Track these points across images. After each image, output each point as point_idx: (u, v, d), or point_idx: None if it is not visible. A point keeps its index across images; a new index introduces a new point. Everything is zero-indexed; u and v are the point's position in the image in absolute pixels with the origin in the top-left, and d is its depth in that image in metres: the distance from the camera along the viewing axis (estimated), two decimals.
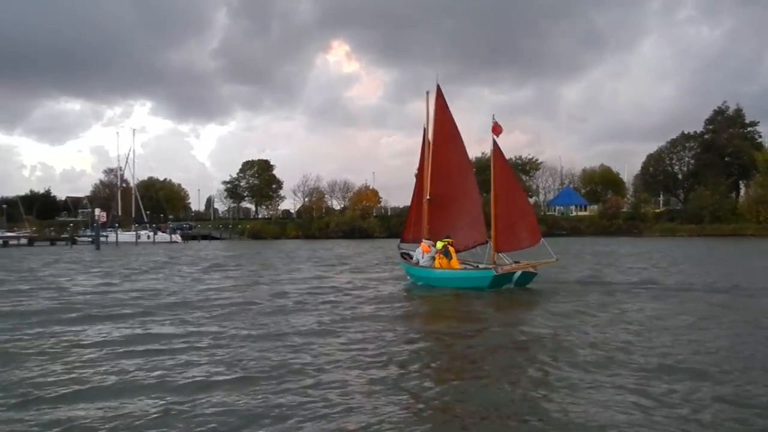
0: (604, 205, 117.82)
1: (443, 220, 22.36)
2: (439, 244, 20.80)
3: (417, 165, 24.22)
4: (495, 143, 20.52)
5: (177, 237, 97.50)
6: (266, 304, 16.41)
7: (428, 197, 22.73)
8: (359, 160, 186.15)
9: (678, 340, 11.01)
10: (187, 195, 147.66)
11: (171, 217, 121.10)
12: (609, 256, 40.24)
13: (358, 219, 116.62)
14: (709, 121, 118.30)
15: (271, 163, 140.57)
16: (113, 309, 15.61)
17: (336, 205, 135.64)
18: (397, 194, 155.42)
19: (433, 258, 20.91)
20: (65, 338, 11.70)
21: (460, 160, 22.69)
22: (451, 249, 20.47)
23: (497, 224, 20.18)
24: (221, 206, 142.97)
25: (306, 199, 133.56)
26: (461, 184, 22.37)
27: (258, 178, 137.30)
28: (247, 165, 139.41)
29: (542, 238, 19.99)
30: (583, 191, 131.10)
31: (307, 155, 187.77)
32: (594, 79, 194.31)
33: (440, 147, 22.67)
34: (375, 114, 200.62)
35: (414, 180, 24.59)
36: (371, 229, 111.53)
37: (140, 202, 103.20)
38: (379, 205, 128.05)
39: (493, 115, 20.35)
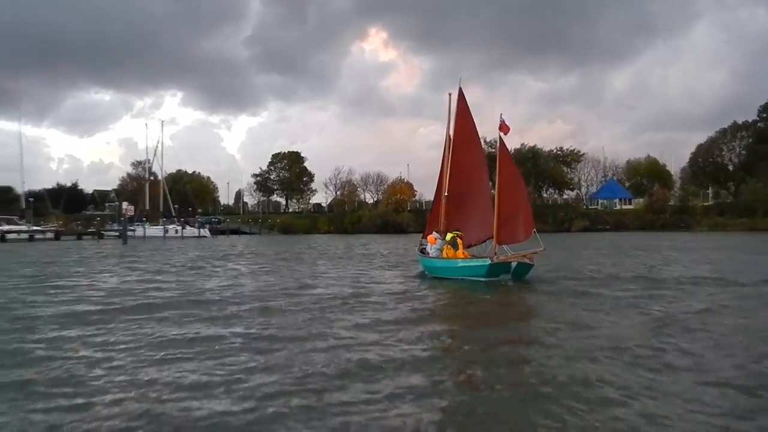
0: (650, 198, 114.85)
1: (459, 216, 24.11)
2: (449, 236, 22.66)
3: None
4: (501, 140, 22.17)
5: (205, 231, 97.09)
6: (314, 306, 15.59)
7: (446, 194, 24.54)
8: (394, 152, 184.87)
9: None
10: (216, 188, 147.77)
11: (199, 211, 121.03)
12: (660, 251, 38.58)
13: (391, 213, 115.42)
14: (764, 109, 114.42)
15: (302, 155, 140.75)
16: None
17: (369, 198, 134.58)
18: (433, 187, 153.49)
19: (440, 249, 22.82)
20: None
21: (477, 161, 24.58)
22: (459, 240, 22.31)
23: (500, 217, 21.66)
24: (251, 200, 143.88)
25: (338, 193, 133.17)
26: (477, 184, 24.18)
27: (288, 171, 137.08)
28: (278, 157, 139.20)
29: (534, 231, 21.53)
30: (627, 184, 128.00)
31: (340, 147, 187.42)
32: (643, 65, 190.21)
33: (460, 148, 24.42)
34: (411, 103, 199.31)
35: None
36: (405, 223, 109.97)
37: (168, 196, 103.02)
38: (413, 199, 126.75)
39: (501, 114, 21.82)
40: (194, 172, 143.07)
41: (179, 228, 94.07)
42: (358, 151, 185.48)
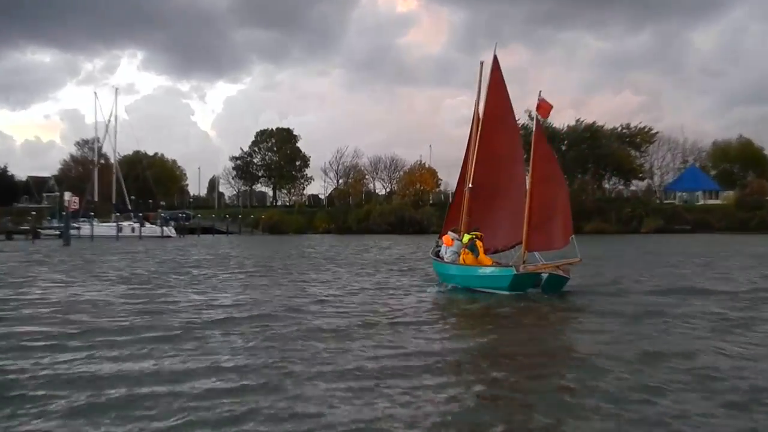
0: (742, 190, 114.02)
1: (484, 214, 24.73)
2: (466, 238, 23.34)
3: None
4: (538, 124, 23.18)
5: (170, 230, 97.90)
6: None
7: (470, 185, 25.01)
8: (413, 130, 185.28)
9: None
10: (184, 175, 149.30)
11: (162, 203, 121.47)
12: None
13: (408, 207, 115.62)
14: None
15: (295, 134, 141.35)
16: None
17: (380, 188, 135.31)
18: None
19: (457, 253, 23.64)
20: None
21: (510, 146, 25.08)
22: (479, 243, 23.03)
23: (531, 219, 22.21)
24: (228, 190, 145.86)
25: (340, 182, 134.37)
26: (509, 175, 24.67)
27: (277, 153, 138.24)
28: (264, 135, 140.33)
29: (572, 237, 22.26)
30: (713, 172, 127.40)
31: (345, 123, 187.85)
32: (735, 20, 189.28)
33: (490, 129, 24.84)
34: (437, 67, 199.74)
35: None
36: (426, 220, 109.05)
37: (123, 184, 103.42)
38: (437, 190, 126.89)
39: (540, 92, 22.38)
40: (157, 154, 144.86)
41: (136, 225, 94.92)
42: (367, 129, 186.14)
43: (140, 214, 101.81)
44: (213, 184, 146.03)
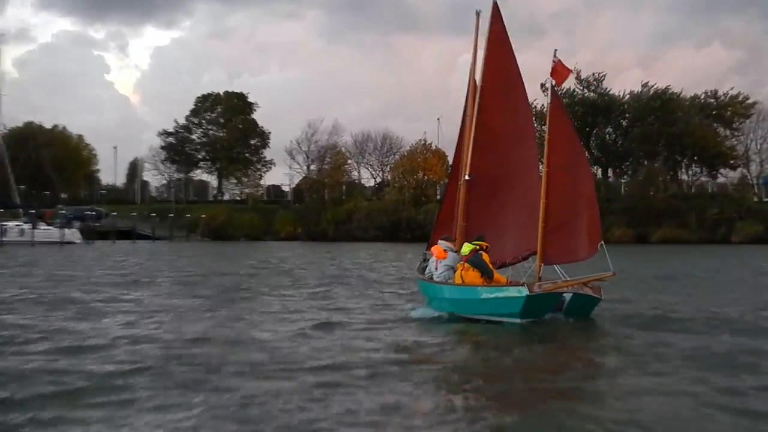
0: None
1: (486, 215, 25.17)
2: (466, 248, 23.31)
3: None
4: (554, 93, 23.47)
5: (73, 233, 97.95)
6: None
7: (467, 177, 25.33)
8: (416, 96, 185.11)
9: None
10: (95, 156, 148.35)
11: (64, 196, 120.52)
12: None
13: (407, 205, 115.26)
14: None
15: (251, 100, 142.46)
16: None
17: (367, 178, 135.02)
18: None
19: (453, 268, 23.63)
20: None
21: (518, 123, 25.42)
22: (485, 256, 23.00)
23: (547, 220, 22.76)
24: (156, 178, 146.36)
25: (312, 168, 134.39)
26: (518, 162, 25.08)
27: (225, 127, 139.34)
28: (207, 102, 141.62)
29: (601, 244, 22.70)
30: None
31: (320, 86, 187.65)
32: None
33: (491, 102, 25.31)
34: (451, 7, 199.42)
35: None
36: (431, 223, 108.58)
37: (8, 169, 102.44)
38: (446, 180, 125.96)
39: (555, 51, 23.12)
40: (57, 127, 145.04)
41: (26, 227, 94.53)
42: (351, 94, 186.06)
43: (32, 211, 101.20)
44: (134, 169, 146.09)
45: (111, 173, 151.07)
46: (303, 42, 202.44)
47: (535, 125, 26.35)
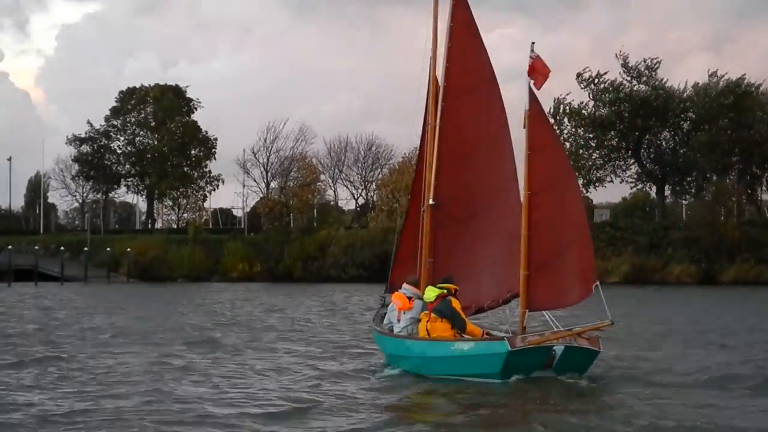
0: None
1: (459, 248, 26.58)
2: (430, 293, 24.43)
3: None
4: (534, 99, 24.63)
5: None
6: None
7: (432, 202, 26.56)
8: (409, 90, 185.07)
9: None
10: None
11: None
12: None
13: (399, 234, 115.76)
14: None
15: (190, 96, 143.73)
16: None
17: (346, 198, 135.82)
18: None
19: (416, 320, 24.77)
20: None
21: (494, 131, 26.59)
22: (455, 302, 24.11)
23: (531, 257, 24.06)
24: (64, 200, 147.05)
25: (273, 186, 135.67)
26: (496, 180, 26.30)
27: (157, 132, 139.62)
28: (133, 99, 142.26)
29: (596, 285, 24.26)
30: None
31: (283, 76, 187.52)
32: None
33: (458, 103, 26.68)
34: None
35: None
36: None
37: None
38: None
39: (532, 44, 24.66)
40: None
41: None
42: (325, 87, 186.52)
43: None
44: (36, 188, 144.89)
45: (4, 194, 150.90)
46: (261, 16, 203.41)
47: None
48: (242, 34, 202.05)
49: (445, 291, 23.92)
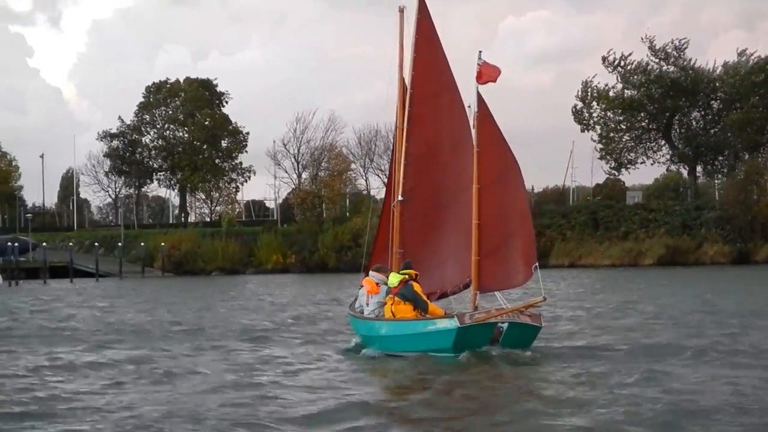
0: None
1: (425, 239, 29.26)
2: (394, 279, 26.91)
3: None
4: (482, 102, 27.19)
5: None
6: None
7: (400, 198, 29.27)
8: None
9: None
10: (16, 169, 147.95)
11: None
12: None
13: None
14: None
15: (220, 90, 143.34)
16: None
17: (379, 187, 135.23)
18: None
19: (383, 303, 27.39)
20: None
21: (454, 132, 29.30)
22: (416, 286, 26.61)
23: (481, 243, 26.82)
24: (97, 196, 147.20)
25: (304, 176, 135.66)
26: (457, 177, 28.71)
27: (187, 125, 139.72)
28: (162, 92, 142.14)
29: (535, 267, 27.06)
30: None
31: (314, 66, 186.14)
32: None
33: (421, 110, 29.28)
34: None
35: None
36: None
37: None
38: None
39: (479, 53, 26.97)
40: None
41: None
42: (356, 75, 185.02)
43: None
44: (69, 185, 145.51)
45: (38, 190, 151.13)
46: (294, 6, 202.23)
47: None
48: (275, 24, 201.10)
49: (407, 276, 26.41)
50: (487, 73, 26.49)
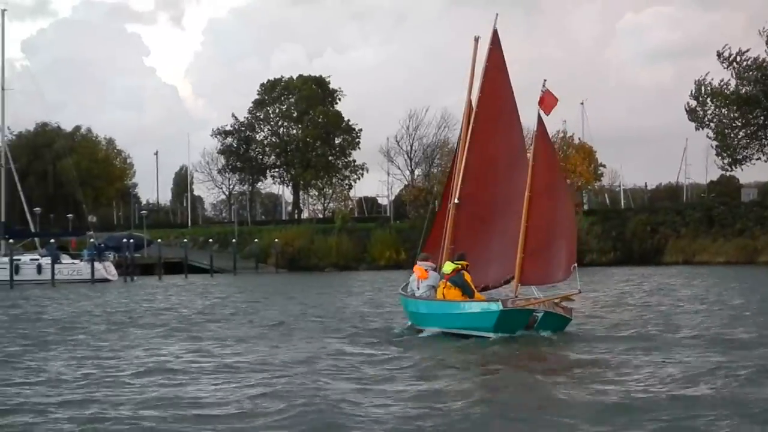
0: None
1: (473, 240, 32.91)
2: (448, 267, 31.15)
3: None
4: (540, 122, 31.32)
5: (107, 268, 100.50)
6: None
7: (456, 201, 33.23)
8: (558, 74, 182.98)
9: None
10: (131, 167, 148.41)
11: (92, 219, 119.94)
12: None
13: None
14: None
15: (333, 87, 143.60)
16: None
17: None
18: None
19: (434, 288, 31.71)
20: None
21: (512, 150, 33.43)
22: (466, 275, 30.73)
23: (528, 242, 30.45)
24: (210, 193, 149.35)
25: (417, 172, 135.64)
26: (509, 189, 32.51)
27: (301, 123, 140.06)
28: (276, 90, 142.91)
29: (574, 267, 30.64)
30: None
31: (430, 65, 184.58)
32: None
33: (485, 127, 33.16)
34: None
35: None
36: (581, 239, 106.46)
37: (18, 186, 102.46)
38: (597, 185, 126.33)
39: (544, 81, 31.06)
40: (79, 128, 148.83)
41: (44, 263, 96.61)
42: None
43: (52, 241, 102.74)
44: (183, 182, 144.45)
45: (152, 187, 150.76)
46: (414, 5, 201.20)
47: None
48: (393, 22, 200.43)
49: (460, 266, 30.72)
50: (548, 101, 30.08)
